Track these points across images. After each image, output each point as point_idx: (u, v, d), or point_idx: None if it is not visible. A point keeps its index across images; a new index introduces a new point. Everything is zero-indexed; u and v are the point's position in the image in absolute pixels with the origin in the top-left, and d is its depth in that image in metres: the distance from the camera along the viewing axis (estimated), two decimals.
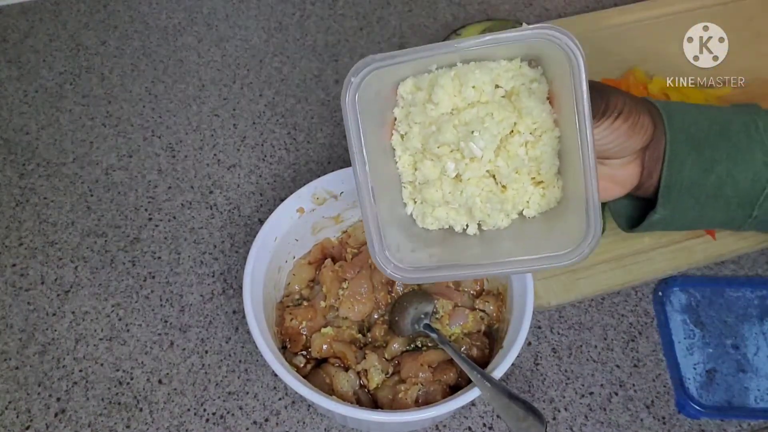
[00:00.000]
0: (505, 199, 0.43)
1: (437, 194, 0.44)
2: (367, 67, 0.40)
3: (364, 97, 0.41)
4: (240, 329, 0.57)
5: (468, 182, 0.42)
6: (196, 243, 0.62)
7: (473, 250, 0.44)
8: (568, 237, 0.41)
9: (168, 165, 0.68)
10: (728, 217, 0.51)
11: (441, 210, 0.45)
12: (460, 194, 0.43)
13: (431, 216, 0.45)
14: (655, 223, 0.51)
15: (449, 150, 0.42)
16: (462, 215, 0.45)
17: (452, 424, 0.53)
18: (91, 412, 0.53)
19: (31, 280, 0.60)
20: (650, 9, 0.77)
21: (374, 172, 0.43)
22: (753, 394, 0.54)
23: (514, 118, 0.41)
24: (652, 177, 0.49)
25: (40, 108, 0.72)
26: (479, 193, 0.43)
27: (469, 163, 0.42)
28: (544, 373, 0.55)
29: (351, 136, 0.42)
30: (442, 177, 0.43)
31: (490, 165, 0.42)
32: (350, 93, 0.41)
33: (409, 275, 0.43)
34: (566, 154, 0.42)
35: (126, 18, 0.81)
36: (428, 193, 0.44)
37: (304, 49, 0.79)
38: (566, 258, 0.40)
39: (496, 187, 0.43)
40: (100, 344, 0.56)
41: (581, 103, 0.37)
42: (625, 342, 0.57)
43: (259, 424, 0.52)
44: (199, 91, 0.74)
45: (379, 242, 0.43)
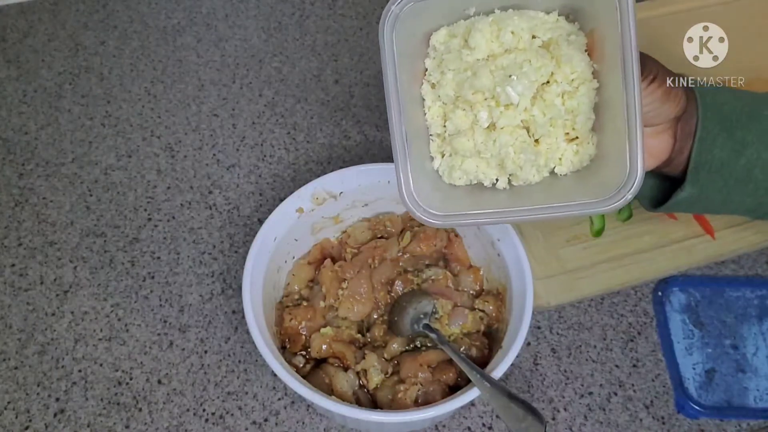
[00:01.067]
0: (539, 153, 0.42)
1: (468, 144, 0.43)
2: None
3: (400, 34, 0.41)
4: (239, 329, 0.57)
5: (502, 131, 0.42)
6: (196, 243, 0.62)
7: (502, 205, 0.44)
8: (604, 188, 0.39)
9: (167, 165, 0.68)
10: (756, 202, 0.50)
11: (470, 162, 0.44)
12: (493, 143, 0.42)
13: (459, 169, 0.44)
14: (681, 201, 0.50)
15: (483, 98, 0.42)
16: (492, 168, 0.44)
17: (452, 424, 0.53)
18: (91, 412, 0.52)
19: (31, 280, 0.60)
20: (650, 9, 0.77)
21: (406, 118, 0.43)
22: (752, 394, 0.54)
23: (551, 66, 0.40)
24: (683, 153, 0.48)
25: (39, 108, 0.72)
26: (513, 142, 0.42)
27: (504, 111, 0.41)
28: (543, 373, 0.55)
29: (387, 71, 0.42)
30: (474, 126, 0.43)
31: (525, 114, 0.41)
32: (388, 23, 0.41)
33: (437, 221, 0.43)
34: (604, 109, 0.41)
35: (125, 18, 0.81)
36: (459, 143, 0.43)
37: (303, 48, 0.79)
38: (605, 204, 0.39)
39: (529, 139, 0.42)
40: (100, 344, 0.56)
41: (629, 43, 0.37)
42: (625, 342, 0.57)
43: (258, 424, 0.52)
44: (199, 91, 0.74)
45: (408, 185, 0.43)
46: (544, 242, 0.60)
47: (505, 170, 0.43)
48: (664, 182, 0.52)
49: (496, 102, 0.41)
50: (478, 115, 0.42)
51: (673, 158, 0.48)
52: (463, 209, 0.44)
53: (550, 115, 0.41)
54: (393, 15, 0.41)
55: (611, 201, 0.38)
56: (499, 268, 0.53)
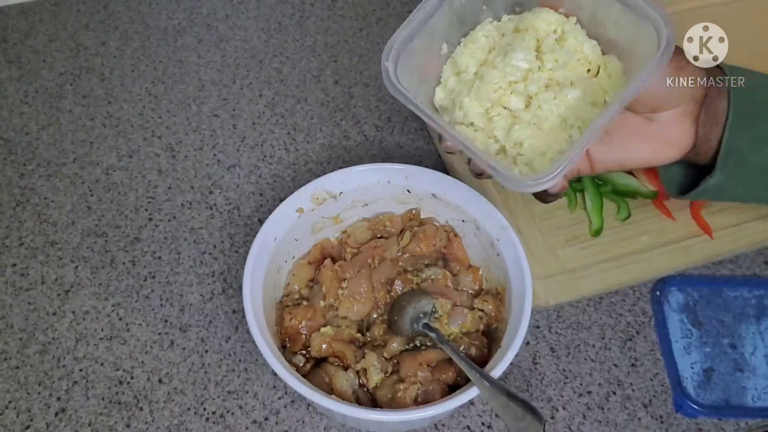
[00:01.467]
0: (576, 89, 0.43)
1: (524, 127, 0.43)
2: (393, 48, 0.44)
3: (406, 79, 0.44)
4: (240, 329, 0.57)
5: (538, 97, 0.43)
6: (196, 243, 0.63)
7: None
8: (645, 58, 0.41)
9: (168, 165, 0.68)
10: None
11: (539, 142, 0.43)
12: (539, 108, 0.43)
13: (538, 158, 0.44)
14: (709, 189, 0.48)
15: (502, 89, 0.44)
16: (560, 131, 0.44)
17: (451, 423, 0.53)
18: (92, 412, 0.53)
19: (32, 280, 0.60)
20: None
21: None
22: (750, 393, 0.54)
23: (531, 34, 0.44)
24: (710, 140, 0.46)
25: (40, 108, 0.72)
26: (554, 94, 0.43)
27: (525, 83, 0.43)
28: (542, 372, 0.55)
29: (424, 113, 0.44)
30: (515, 114, 0.44)
31: (545, 73, 0.44)
32: (394, 80, 0.44)
33: (546, 179, 0.40)
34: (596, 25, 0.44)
35: (126, 19, 0.81)
36: (516, 133, 0.44)
37: (303, 49, 0.79)
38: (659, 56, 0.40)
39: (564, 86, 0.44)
40: (101, 344, 0.56)
41: None
42: (623, 341, 0.57)
43: (258, 423, 0.52)
44: (199, 92, 0.75)
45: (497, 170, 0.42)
46: (544, 242, 0.60)
47: (569, 124, 0.44)
48: (691, 168, 0.51)
49: (515, 84, 0.44)
50: (511, 105, 0.44)
51: (699, 146, 0.46)
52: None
53: (562, 59, 0.43)
54: (393, 71, 0.44)
55: (663, 54, 0.39)
56: (499, 267, 0.53)
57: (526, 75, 0.44)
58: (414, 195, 0.57)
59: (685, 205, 0.62)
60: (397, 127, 0.72)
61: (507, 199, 0.62)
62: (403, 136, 0.71)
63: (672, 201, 0.62)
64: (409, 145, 0.70)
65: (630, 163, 0.48)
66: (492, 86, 0.44)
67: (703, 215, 0.61)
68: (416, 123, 0.72)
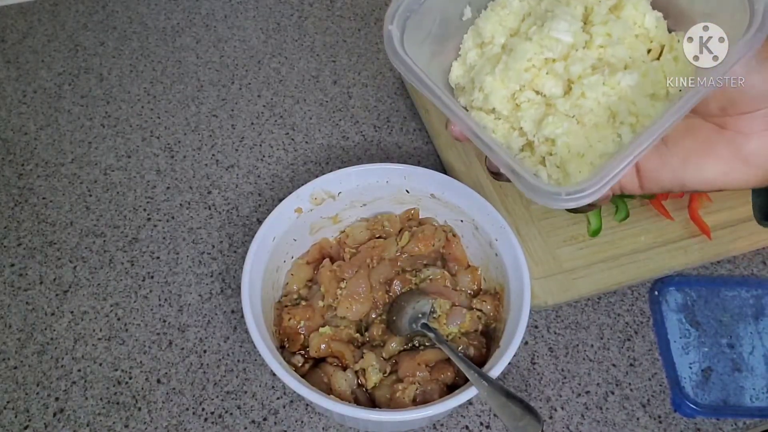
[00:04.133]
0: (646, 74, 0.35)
1: (559, 119, 0.35)
2: (400, 10, 0.36)
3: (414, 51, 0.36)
4: (238, 329, 0.57)
5: (582, 82, 0.35)
6: (195, 243, 0.63)
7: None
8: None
9: (166, 165, 0.68)
10: None
11: (577, 140, 0.35)
12: (583, 97, 0.35)
13: (573, 161, 0.35)
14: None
15: (536, 69, 0.36)
16: (607, 128, 0.35)
17: (449, 423, 0.53)
18: (90, 412, 0.53)
19: (30, 280, 0.60)
20: None
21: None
22: (748, 393, 0.54)
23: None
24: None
25: (38, 108, 0.72)
26: (603, 79, 0.34)
27: (567, 62, 0.35)
28: (540, 372, 0.55)
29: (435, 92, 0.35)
30: (552, 102, 0.35)
31: (592, 51, 0.35)
32: (398, 46, 0.36)
33: (586, 193, 0.32)
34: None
35: (125, 19, 0.81)
36: (549, 127, 0.35)
37: (302, 49, 0.79)
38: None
39: (617, 67, 0.35)
40: (99, 344, 0.56)
41: None
42: (622, 341, 0.57)
43: (257, 423, 0.52)
44: (198, 92, 0.75)
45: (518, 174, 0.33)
46: (542, 242, 0.60)
47: (619, 119, 0.35)
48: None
49: (553, 62, 0.35)
50: (545, 90, 0.35)
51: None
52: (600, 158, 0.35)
53: (616, 33, 0.34)
54: (396, 37, 0.36)
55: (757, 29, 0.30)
56: (497, 267, 0.53)
57: (569, 52, 0.35)
58: (413, 195, 0.57)
59: (683, 206, 0.62)
60: (395, 127, 0.72)
61: (506, 199, 0.63)
62: (401, 136, 0.71)
63: (670, 201, 0.62)
64: (408, 145, 0.70)
65: (693, 183, 0.36)
66: (523, 63, 0.35)
67: (701, 215, 0.61)
68: (415, 123, 0.72)
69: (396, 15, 0.36)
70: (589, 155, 0.35)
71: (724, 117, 0.34)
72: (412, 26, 0.36)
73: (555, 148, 0.35)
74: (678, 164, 0.36)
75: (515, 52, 0.35)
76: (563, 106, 0.35)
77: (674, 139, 0.36)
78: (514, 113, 0.36)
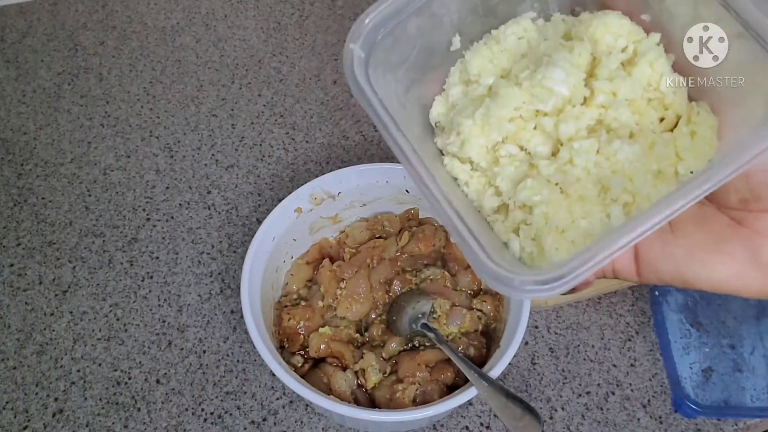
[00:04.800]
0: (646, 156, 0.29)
1: (536, 189, 0.30)
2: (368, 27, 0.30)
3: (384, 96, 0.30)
4: (238, 329, 0.57)
5: (572, 143, 0.29)
6: (194, 243, 0.63)
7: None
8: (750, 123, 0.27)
9: (166, 165, 0.68)
10: None
11: (558, 213, 0.30)
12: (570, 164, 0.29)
13: (552, 235, 0.29)
14: None
15: (523, 120, 0.31)
16: (595, 203, 0.30)
17: (450, 424, 0.53)
18: (89, 412, 0.53)
19: (29, 280, 0.60)
20: None
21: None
22: (749, 394, 0.54)
23: (586, 45, 0.30)
24: None
25: (38, 108, 0.72)
26: (597, 145, 0.29)
27: (560, 117, 0.30)
28: (541, 372, 0.55)
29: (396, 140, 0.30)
30: (535, 163, 0.31)
31: (590, 109, 0.30)
32: (357, 70, 0.30)
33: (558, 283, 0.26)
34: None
35: (124, 18, 0.81)
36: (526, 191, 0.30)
37: (303, 49, 0.79)
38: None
39: (615, 135, 0.30)
40: (98, 344, 0.56)
41: None
42: (622, 342, 0.57)
43: (257, 423, 0.52)
44: (198, 92, 0.75)
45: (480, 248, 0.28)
46: None
47: (611, 196, 0.30)
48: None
49: (543, 116, 0.31)
50: (530, 147, 0.31)
51: None
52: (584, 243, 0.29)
53: (624, 93, 0.29)
54: (359, 59, 0.31)
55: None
56: None
57: (563, 106, 0.30)
58: (412, 195, 0.57)
59: None
60: None
61: None
62: None
63: None
64: None
65: (696, 281, 0.31)
66: (508, 111, 0.31)
67: None
68: None
69: (363, 34, 0.30)
70: (571, 232, 0.29)
71: (744, 212, 0.29)
72: (383, 48, 0.31)
73: (531, 217, 0.30)
74: (682, 257, 0.30)
75: (500, 97, 0.31)
76: (546, 169, 0.30)
77: (682, 227, 0.31)
78: (492, 167, 0.32)
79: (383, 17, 0.30)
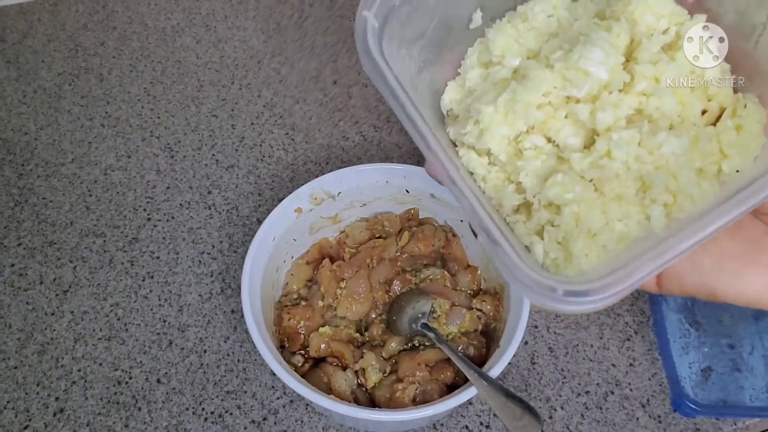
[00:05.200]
0: (682, 135, 0.26)
1: (570, 187, 0.26)
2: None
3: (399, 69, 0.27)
4: (238, 329, 0.57)
5: (610, 135, 0.26)
6: (195, 243, 0.63)
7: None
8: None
9: (166, 165, 0.68)
10: None
11: (591, 213, 0.26)
12: (608, 158, 0.26)
13: (581, 239, 0.26)
14: None
15: (553, 108, 0.28)
16: (633, 203, 0.27)
17: (449, 423, 0.53)
18: (90, 412, 0.53)
19: (30, 280, 0.60)
20: None
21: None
22: (748, 393, 0.54)
23: (624, 25, 0.27)
24: None
25: (38, 108, 0.72)
26: (638, 137, 0.26)
27: (598, 104, 0.27)
28: (540, 372, 0.55)
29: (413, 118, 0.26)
30: (566, 157, 0.27)
31: (632, 95, 0.27)
32: (371, 40, 0.26)
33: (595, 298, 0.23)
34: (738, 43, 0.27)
35: (125, 19, 0.81)
36: (556, 188, 0.27)
37: (302, 49, 0.79)
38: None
39: (658, 125, 0.27)
40: (99, 344, 0.56)
41: None
42: (621, 341, 0.57)
43: (257, 423, 0.53)
44: (198, 92, 0.75)
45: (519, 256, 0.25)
46: None
47: (651, 195, 0.27)
48: None
49: (576, 103, 0.27)
50: (559, 139, 0.27)
51: None
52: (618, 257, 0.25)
53: (666, 75, 0.26)
54: (373, 29, 0.27)
55: None
56: (497, 267, 0.53)
57: (600, 92, 0.27)
58: (412, 195, 0.57)
59: None
60: (395, 127, 0.72)
61: None
62: (401, 136, 0.71)
63: None
64: (408, 145, 0.70)
65: (725, 294, 0.28)
66: (536, 97, 0.27)
67: None
68: None
69: (378, 1, 0.27)
70: (604, 236, 0.26)
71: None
72: (398, 19, 0.27)
73: (559, 218, 0.27)
74: (711, 267, 0.27)
75: (528, 81, 0.27)
76: (580, 163, 0.27)
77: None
78: (514, 161, 0.28)
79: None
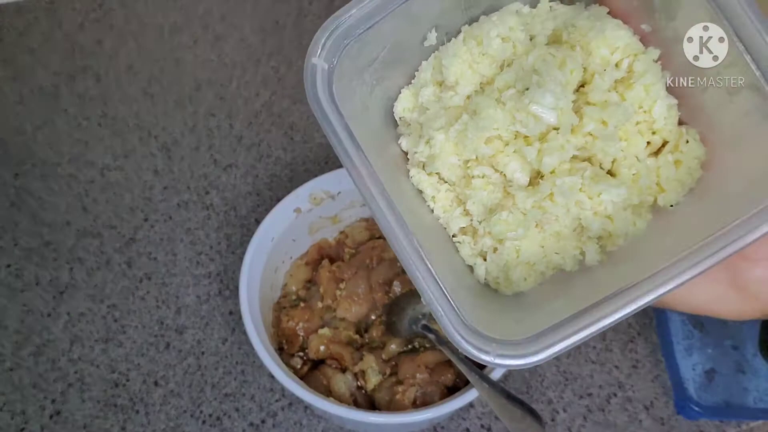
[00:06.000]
0: (625, 187, 0.27)
1: (513, 220, 0.28)
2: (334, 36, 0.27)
3: (346, 107, 0.28)
4: (236, 330, 0.57)
5: (554, 176, 0.28)
6: (193, 244, 0.62)
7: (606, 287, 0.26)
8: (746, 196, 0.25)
9: (164, 165, 0.68)
10: None
11: (529, 245, 0.29)
12: (551, 201, 0.28)
13: (519, 265, 0.29)
14: None
15: (503, 143, 0.28)
16: (568, 238, 0.29)
17: (450, 426, 0.52)
18: (87, 414, 0.52)
19: (26, 281, 0.59)
20: None
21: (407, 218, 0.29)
22: (752, 395, 0.54)
23: (579, 57, 0.28)
24: None
25: (35, 108, 0.72)
26: (580, 184, 0.27)
27: (545, 144, 0.28)
28: (542, 374, 0.55)
29: (353, 160, 0.28)
30: (510, 191, 0.29)
31: (576, 137, 0.27)
32: (321, 84, 0.27)
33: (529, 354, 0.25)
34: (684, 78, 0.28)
35: (121, 18, 0.81)
36: (498, 225, 0.28)
37: (301, 48, 0.79)
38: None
39: (601, 172, 0.28)
40: (96, 346, 0.56)
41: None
42: (624, 343, 0.57)
43: (255, 425, 0.52)
44: (195, 92, 0.74)
45: (455, 313, 0.27)
46: None
47: (587, 233, 0.29)
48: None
49: (524, 139, 0.28)
50: (507, 172, 0.28)
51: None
52: (553, 318, 0.26)
53: (614, 121, 0.27)
54: (322, 72, 0.27)
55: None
56: None
57: (548, 132, 0.27)
58: None
59: None
60: None
61: None
62: None
63: None
64: None
65: (676, 304, 0.30)
66: (486, 133, 0.28)
67: None
68: None
69: (327, 45, 0.27)
70: (541, 264, 0.29)
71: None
72: (349, 56, 0.28)
73: (502, 247, 0.29)
74: None
75: (479, 118, 0.28)
76: (524, 203, 0.28)
77: None
78: (463, 186, 0.30)
79: (352, 23, 0.27)
